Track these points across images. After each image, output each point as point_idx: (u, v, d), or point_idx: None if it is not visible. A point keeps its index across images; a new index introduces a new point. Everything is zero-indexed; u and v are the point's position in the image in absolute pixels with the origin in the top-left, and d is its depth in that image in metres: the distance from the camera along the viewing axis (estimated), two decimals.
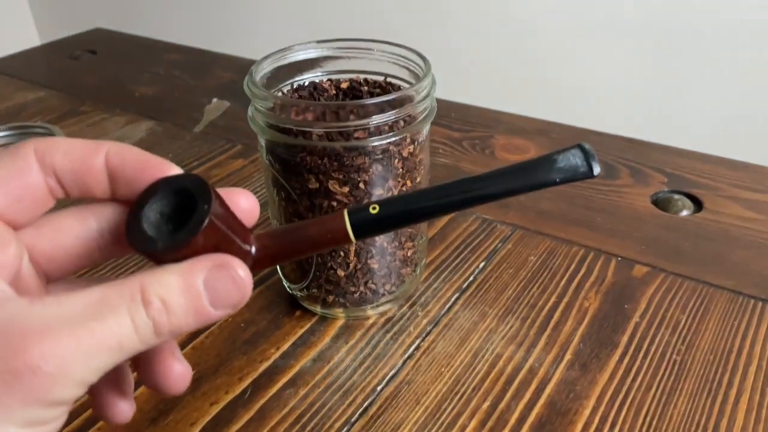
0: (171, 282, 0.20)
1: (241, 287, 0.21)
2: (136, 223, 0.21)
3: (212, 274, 0.20)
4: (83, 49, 0.85)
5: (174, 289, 0.20)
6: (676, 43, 0.84)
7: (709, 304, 0.38)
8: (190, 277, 0.20)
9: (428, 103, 0.33)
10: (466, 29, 0.98)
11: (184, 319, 0.20)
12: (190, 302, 0.20)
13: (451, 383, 0.34)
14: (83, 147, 0.22)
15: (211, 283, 0.20)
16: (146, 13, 1.37)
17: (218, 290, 0.20)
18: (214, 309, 0.21)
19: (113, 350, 0.19)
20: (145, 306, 0.19)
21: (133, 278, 0.20)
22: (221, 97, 0.68)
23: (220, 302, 0.21)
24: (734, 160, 0.54)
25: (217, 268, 0.20)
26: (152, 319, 0.19)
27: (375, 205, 0.23)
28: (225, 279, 0.20)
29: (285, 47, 0.36)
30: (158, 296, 0.20)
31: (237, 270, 0.21)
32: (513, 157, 0.55)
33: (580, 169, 0.23)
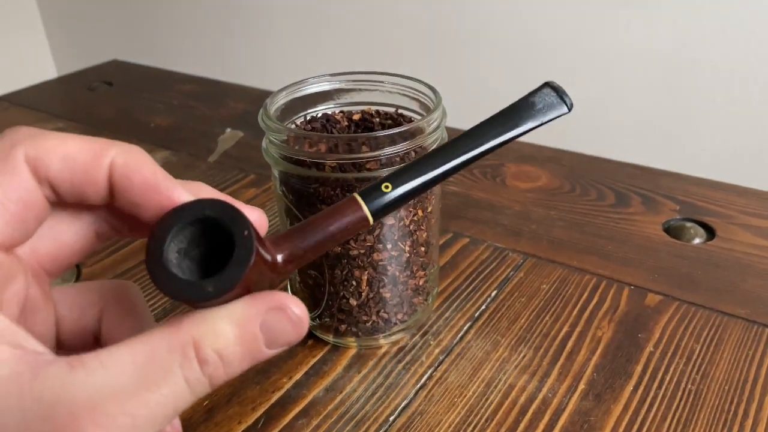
0: (227, 333, 0.19)
1: (297, 326, 0.20)
2: (158, 256, 0.19)
3: (269, 318, 0.19)
4: (100, 80, 0.87)
5: (231, 340, 0.19)
6: (687, 70, 0.84)
7: (723, 333, 0.38)
8: (247, 325, 0.19)
9: (439, 134, 0.34)
10: (476, 58, 1.00)
11: (240, 367, 0.19)
12: (247, 349, 0.19)
13: (464, 414, 0.33)
14: (84, 154, 0.20)
15: (268, 327, 0.19)
16: (162, 44, 1.39)
17: (275, 332, 0.20)
18: (269, 350, 0.20)
19: (169, 416, 0.18)
20: (201, 364, 0.18)
21: (183, 329, 0.18)
22: (235, 127, 0.69)
23: (276, 343, 0.20)
24: (746, 188, 0.54)
25: (274, 311, 0.20)
26: (209, 377, 0.19)
27: (387, 184, 0.23)
28: (282, 321, 0.20)
29: (299, 80, 0.37)
30: (215, 351, 0.18)
31: (293, 309, 0.20)
32: (524, 185, 0.55)
33: (558, 108, 0.26)
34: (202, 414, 0.34)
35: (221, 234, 0.20)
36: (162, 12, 1.36)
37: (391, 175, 0.23)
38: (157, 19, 1.37)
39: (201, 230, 0.20)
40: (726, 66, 0.81)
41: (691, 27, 0.81)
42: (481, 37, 0.98)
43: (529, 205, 0.52)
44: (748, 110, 0.82)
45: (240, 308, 0.19)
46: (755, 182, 0.55)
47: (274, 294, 0.20)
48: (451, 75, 1.03)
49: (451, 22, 1.00)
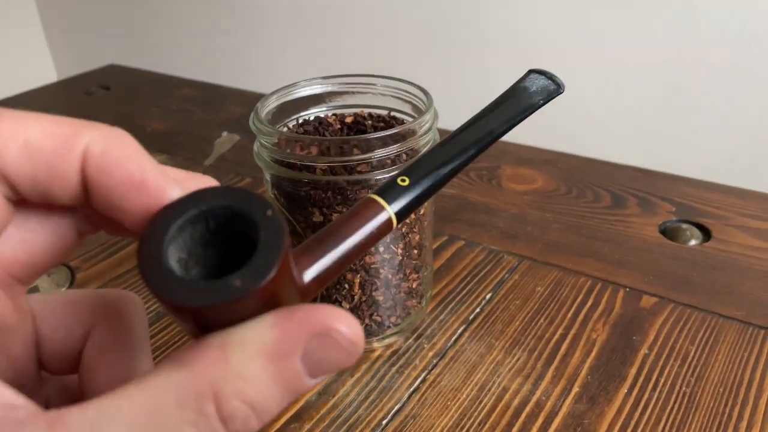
0: (258, 374, 0.14)
1: (351, 352, 0.15)
2: (154, 251, 0.15)
3: (313, 346, 0.15)
4: (97, 85, 0.87)
5: (264, 383, 0.14)
6: (683, 72, 0.84)
7: (719, 335, 0.38)
8: (285, 359, 0.14)
9: (431, 136, 0.34)
10: (470, 61, 1.00)
11: (277, 410, 0.15)
12: (286, 388, 0.15)
13: (457, 417, 0.33)
14: (50, 141, 0.16)
15: (312, 357, 0.15)
16: (160, 48, 1.40)
17: (322, 363, 0.15)
18: (314, 380, 0.15)
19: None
20: (226, 423, 0.14)
21: (196, 372, 0.14)
22: (232, 131, 0.69)
23: (322, 372, 0.15)
24: (743, 189, 0.53)
25: (320, 337, 0.15)
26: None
27: (403, 177, 0.21)
28: (331, 348, 0.15)
29: (290, 83, 0.37)
30: (242, 400, 0.14)
31: (344, 331, 0.15)
32: (520, 187, 0.55)
33: (551, 88, 0.26)
34: None
35: (234, 231, 0.16)
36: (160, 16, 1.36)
37: (405, 170, 0.21)
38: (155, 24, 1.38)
39: (205, 230, 0.16)
40: (723, 68, 0.81)
41: (688, 28, 0.81)
42: (475, 39, 0.98)
43: (524, 207, 0.52)
44: (744, 112, 0.82)
45: (271, 335, 0.14)
46: (752, 184, 0.54)
47: (315, 309, 0.15)
48: (443, 78, 1.03)
49: (445, 25, 1.00)
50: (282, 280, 0.15)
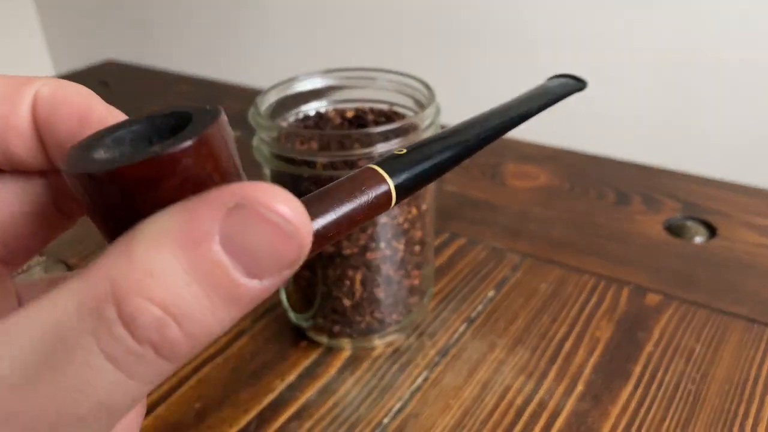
0: (167, 266, 0.11)
1: (282, 227, 0.12)
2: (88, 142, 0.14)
3: (232, 224, 0.11)
4: (95, 81, 0.86)
5: (178, 278, 0.11)
6: (688, 68, 0.83)
7: (724, 332, 0.37)
8: (198, 246, 0.11)
9: (433, 131, 0.33)
10: (473, 55, 0.99)
11: (213, 319, 0.12)
12: (212, 287, 0.11)
13: (459, 416, 0.33)
14: (3, 88, 0.15)
15: (236, 243, 0.11)
16: (158, 44, 1.39)
17: (250, 249, 0.12)
18: (259, 281, 0.12)
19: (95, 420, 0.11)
20: (131, 326, 0.11)
21: (100, 272, 0.11)
22: (231, 127, 0.69)
23: (265, 268, 0.12)
24: (749, 186, 0.53)
25: (239, 211, 0.11)
26: (153, 345, 0.11)
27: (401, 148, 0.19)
28: (255, 226, 0.12)
29: (290, 78, 0.36)
30: (149, 299, 0.11)
31: (275, 204, 0.12)
32: (523, 184, 0.55)
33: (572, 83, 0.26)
34: (193, 417, 0.33)
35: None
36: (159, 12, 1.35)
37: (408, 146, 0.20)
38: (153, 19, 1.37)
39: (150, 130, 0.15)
40: (728, 65, 0.80)
41: (694, 24, 0.81)
42: (477, 33, 0.97)
43: (528, 204, 0.52)
44: (750, 109, 0.81)
45: (180, 216, 0.11)
46: (758, 181, 0.54)
47: (238, 185, 0.12)
48: (446, 72, 1.02)
49: (446, 19, 0.99)
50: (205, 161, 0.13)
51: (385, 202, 0.17)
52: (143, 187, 0.12)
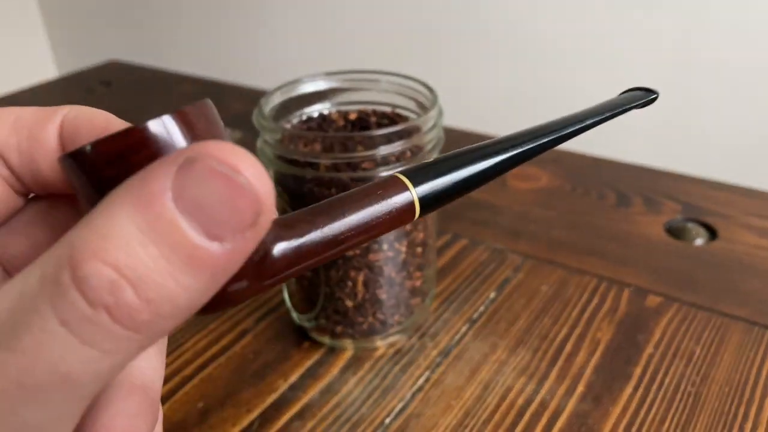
0: (122, 227, 0.11)
1: (234, 179, 0.11)
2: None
3: (183, 181, 0.11)
4: (98, 81, 0.87)
5: (133, 238, 0.11)
6: (689, 69, 0.84)
7: (724, 334, 0.38)
8: (151, 205, 0.11)
9: (435, 133, 0.33)
10: (476, 57, 0.99)
11: (173, 281, 0.11)
12: (168, 246, 0.11)
13: (461, 416, 0.33)
14: (35, 114, 0.16)
15: (189, 198, 0.11)
16: (161, 44, 1.39)
17: (204, 205, 0.11)
18: (219, 243, 0.11)
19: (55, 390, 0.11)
20: (81, 287, 0.11)
21: (61, 241, 0.11)
22: (233, 128, 0.69)
23: (222, 227, 0.11)
24: (749, 188, 0.53)
25: (190, 165, 0.11)
26: (108, 310, 0.11)
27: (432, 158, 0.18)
28: (206, 179, 0.11)
29: (294, 80, 0.37)
30: (103, 261, 0.11)
31: (225, 156, 0.11)
32: (524, 185, 0.55)
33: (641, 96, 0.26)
34: (196, 416, 0.33)
35: None
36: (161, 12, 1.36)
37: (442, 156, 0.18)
38: (156, 19, 1.37)
39: None
40: (729, 66, 0.81)
41: (695, 25, 0.81)
42: (480, 36, 0.97)
43: (529, 205, 0.52)
44: (751, 111, 0.82)
45: (136, 178, 0.11)
46: (758, 183, 0.54)
47: (192, 146, 0.12)
48: (448, 74, 1.02)
49: (449, 21, 0.99)
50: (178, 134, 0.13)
51: (407, 212, 0.16)
52: (118, 160, 0.12)
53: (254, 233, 0.12)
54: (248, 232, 0.12)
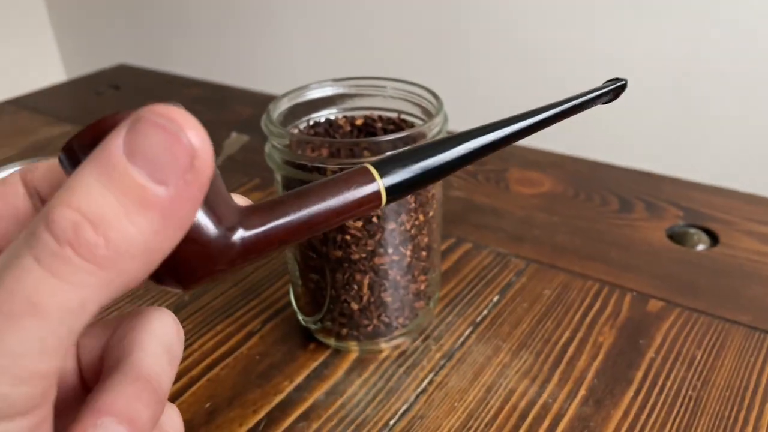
0: (85, 180, 0.13)
1: (170, 128, 0.14)
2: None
3: (132, 136, 0.14)
4: (107, 84, 0.87)
5: (94, 188, 0.13)
6: (693, 76, 0.84)
7: (725, 339, 0.38)
8: (102, 154, 0.13)
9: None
10: (481, 64, 1.00)
11: (129, 220, 0.13)
12: (121, 191, 0.13)
13: (464, 418, 0.33)
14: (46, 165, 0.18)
15: (135, 147, 0.13)
16: (169, 48, 1.40)
17: (150, 153, 0.13)
18: (164, 186, 0.14)
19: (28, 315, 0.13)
20: (49, 228, 0.13)
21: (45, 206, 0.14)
22: (240, 132, 0.70)
23: (165, 171, 0.14)
24: (751, 194, 0.53)
25: (137, 122, 0.14)
26: (70, 244, 0.13)
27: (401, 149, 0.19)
28: (150, 130, 0.14)
29: (302, 86, 0.37)
30: (64, 205, 0.13)
31: (167, 111, 0.14)
32: (528, 190, 0.55)
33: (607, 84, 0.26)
34: (203, 416, 0.34)
35: None
36: (169, 17, 1.37)
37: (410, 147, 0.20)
38: (163, 25, 1.38)
39: None
40: (731, 73, 0.81)
41: (697, 33, 0.81)
42: (485, 43, 0.98)
43: (532, 210, 0.52)
44: (753, 117, 0.82)
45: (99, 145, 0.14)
46: (760, 189, 0.54)
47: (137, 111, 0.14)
48: (454, 80, 1.03)
49: (455, 28, 1.00)
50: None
51: (374, 200, 0.18)
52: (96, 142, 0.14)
53: (193, 176, 0.14)
54: (188, 175, 0.14)
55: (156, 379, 0.17)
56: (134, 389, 0.17)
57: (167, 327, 0.19)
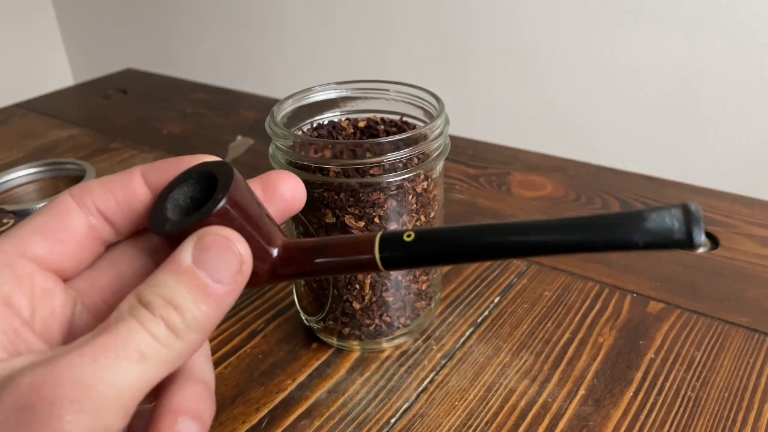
0: (160, 275, 0.19)
1: (231, 248, 0.19)
2: (159, 206, 0.21)
3: (198, 249, 0.19)
4: (114, 88, 0.88)
5: (166, 280, 0.19)
6: (694, 81, 0.84)
7: (725, 341, 0.38)
8: (176, 261, 0.19)
9: (442, 141, 0.34)
10: (483, 68, 1.00)
11: (197, 307, 0.18)
12: (190, 286, 0.18)
13: (465, 417, 0.34)
14: (117, 177, 0.22)
15: (201, 258, 0.19)
16: (175, 53, 1.41)
17: (211, 262, 0.19)
18: (220, 284, 0.19)
19: (134, 361, 0.17)
20: (146, 307, 0.18)
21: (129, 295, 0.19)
22: (245, 135, 0.70)
23: (221, 274, 0.19)
24: (751, 198, 0.54)
25: (200, 240, 0.19)
26: (162, 318, 0.18)
27: (410, 233, 0.21)
28: (213, 246, 0.19)
29: (305, 88, 0.38)
30: (155, 294, 0.18)
31: (219, 233, 0.19)
32: (530, 193, 0.56)
33: (674, 235, 0.18)
34: None
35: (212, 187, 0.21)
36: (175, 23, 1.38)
37: (421, 229, 0.21)
38: (170, 30, 1.40)
39: (205, 187, 0.21)
40: (732, 77, 0.81)
41: (698, 37, 0.82)
42: (487, 47, 0.99)
43: (534, 213, 0.53)
44: (753, 121, 0.82)
45: (173, 255, 0.19)
46: (760, 193, 0.55)
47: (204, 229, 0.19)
48: (455, 84, 1.04)
49: (457, 34, 1.01)
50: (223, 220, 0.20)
51: (372, 268, 0.21)
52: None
53: (241, 277, 0.20)
54: (237, 277, 0.19)
55: (208, 380, 0.22)
56: (196, 390, 0.20)
57: None
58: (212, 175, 0.21)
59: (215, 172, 0.21)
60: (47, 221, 0.21)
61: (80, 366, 0.16)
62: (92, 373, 0.16)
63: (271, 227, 0.22)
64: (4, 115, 0.80)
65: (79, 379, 0.16)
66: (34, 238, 0.20)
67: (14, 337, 0.19)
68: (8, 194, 0.60)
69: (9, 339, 0.19)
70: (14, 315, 0.19)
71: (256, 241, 0.21)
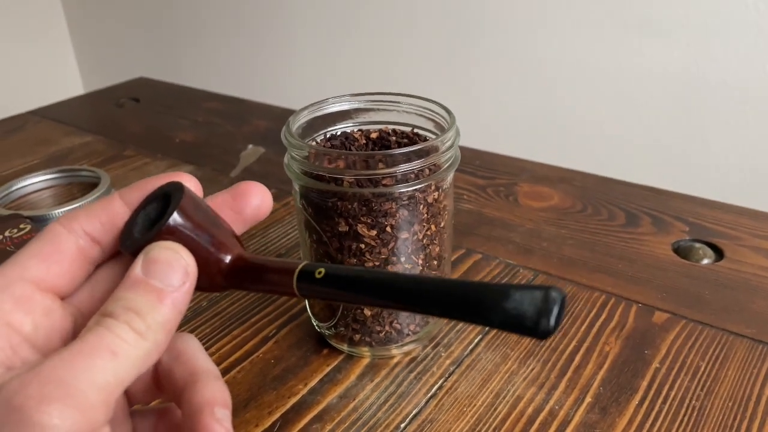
0: (119, 291, 0.22)
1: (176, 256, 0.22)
2: (128, 226, 0.24)
3: (146, 261, 0.22)
4: (127, 97, 0.90)
5: (124, 293, 0.21)
6: (699, 91, 0.85)
7: (729, 351, 0.39)
8: (130, 275, 0.22)
9: (452, 152, 0.35)
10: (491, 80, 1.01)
11: (155, 310, 0.21)
12: (145, 293, 0.21)
13: (473, 423, 0.35)
14: (99, 202, 0.24)
15: (150, 269, 0.22)
16: (187, 63, 1.43)
17: (159, 270, 0.22)
18: (172, 287, 0.22)
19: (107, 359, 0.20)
20: (111, 316, 0.21)
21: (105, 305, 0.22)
22: (257, 144, 0.72)
23: (170, 279, 0.22)
24: (756, 210, 0.54)
25: (148, 254, 0.22)
26: (126, 323, 0.20)
27: (321, 270, 0.23)
28: (161, 258, 0.22)
29: (320, 100, 0.39)
30: (117, 306, 0.21)
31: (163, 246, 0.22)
32: (537, 203, 0.57)
33: (525, 322, 0.18)
34: None
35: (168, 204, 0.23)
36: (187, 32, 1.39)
37: (333, 267, 0.23)
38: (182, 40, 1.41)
39: (163, 205, 0.24)
40: (738, 89, 0.82)
41: (703, 49, 0.82)
42: (495, 59, 1.00)
43: (540, 223, 0.54)
44: (759, 134, 0.83)
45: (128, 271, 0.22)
46: (765, 205, 0.55)
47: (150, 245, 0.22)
48: (463, 94, 1.05)
49: (467, 47, 1.02)
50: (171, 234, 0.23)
51: (293, 294, 0.24)
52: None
53: (189, 280, 0.22)
54: (185, 278, 0.22)
55: (218, 373, 0.25)
56: (217, 384, 0.24)
57: (192, 339, 0.26)
58: (168, 195, 0.23)
59: (170, 192, 0.23)
60: (42, 246, 0.23)
61: (61, 368, 0.19)
62: (71, 373, 0.19)
63: (226, 237, 0.24)
64: (18, 122, 0.81)
65: (61, 379, 0.19)
66: (32, 261, 0.23)
67: (11, 354, 0.21)
68: (24, 200, 0.62)
69: (6, 355, 0.21)
70: (14, 333, 0.21)
71: (205, 249, 0.23)
